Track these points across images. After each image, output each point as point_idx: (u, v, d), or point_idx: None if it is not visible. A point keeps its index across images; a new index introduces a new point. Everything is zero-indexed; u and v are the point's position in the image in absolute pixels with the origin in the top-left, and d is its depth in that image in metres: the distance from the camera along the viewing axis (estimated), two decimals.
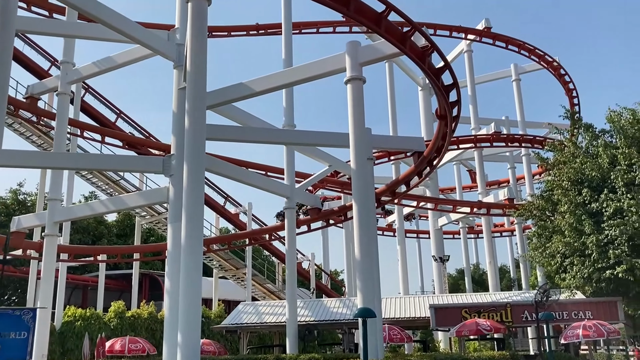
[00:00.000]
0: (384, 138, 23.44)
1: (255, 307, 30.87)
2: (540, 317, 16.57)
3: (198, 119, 15.47)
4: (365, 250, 17.22)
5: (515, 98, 42.93)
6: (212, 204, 43.70)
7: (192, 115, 15.39)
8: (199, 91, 15.43)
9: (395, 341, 23.86)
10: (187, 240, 14.47)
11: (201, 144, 15.42)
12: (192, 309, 13.79)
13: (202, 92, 15.52)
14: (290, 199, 26.46)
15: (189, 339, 13.22)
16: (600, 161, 23.95)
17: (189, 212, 14.61)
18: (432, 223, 42.20)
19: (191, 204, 14.70)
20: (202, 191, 16.59)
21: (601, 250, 22.24)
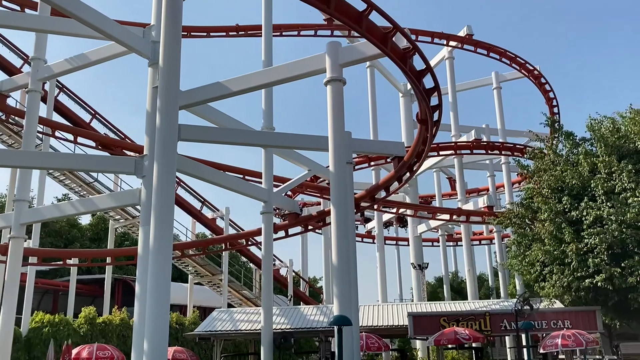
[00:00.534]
0: (364, 142, 22.99)
1: (230, 314, 30.14)
2: (520, 326, 16.24)
3: (169, 118, 14.91)
4: (342, 256, 16.72)
5: (495, 106, 42.96)
6: (189, 208, 42.81)
7: (163, 114, 14.82)
8: (171, 89, 14.87)
9: (372, 350, 23.38)
10: (155, 243, 13.87)
11: (172, 144, 14.85)
12: (160, 315, 13.17)
13: (175, 91, 14.96)
14: (268, 203, 25.87)
15: (156, 347, 12.58)
16: (581, 169, 23.83)
17: (158, 214, 14.03)
18: (411, 230, 41.95)
19: (160, 205, 14.12)
20: (172, 192, 16.10)
21: (581, 258, 22.06)
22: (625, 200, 21.67)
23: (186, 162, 21.31)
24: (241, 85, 18.98)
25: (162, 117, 14.51)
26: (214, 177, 23.19)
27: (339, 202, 17.76)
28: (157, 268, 13.75)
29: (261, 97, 26.57)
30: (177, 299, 47.10)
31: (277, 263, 53.10)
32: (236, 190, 24.47)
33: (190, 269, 42.57)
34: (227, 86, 19.09)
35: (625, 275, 20.97)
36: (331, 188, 18.20)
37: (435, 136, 20.81)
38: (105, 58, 22.99)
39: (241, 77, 19.07)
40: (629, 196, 21.66)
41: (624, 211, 21.38)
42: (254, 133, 22.06)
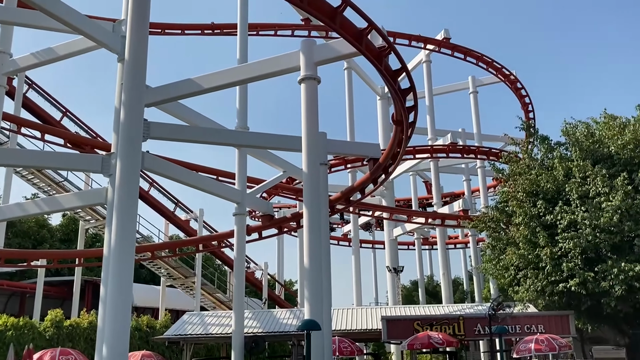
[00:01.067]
0: (339, 143, 22.63)
1: (201, 318, 29.51)
2: (493, 331, 16.03)
3: (134, 114, 14.36)
4: (315, 258, 16.30)
5: (472, 110, 43.03)
6: (162, 210, 42.11)
7: (128, 109, 14.24)
8: (136, 84, 14.32)
9: (345, 354, 23.01)
10: (117, 243, 13.32)
11: (137, 141, 14.28)
12: (121, 317, 12.59)
13: (140, 86, 14.42)
14: (241, 204, 25.36)
15: (116, 352, 11.99)
16: (556, 173, 23.80)
17: (121, 212, 13.46)
18: (387, 233, 41.74)
19: (123, 204, 13.57)
20: (136, 191, 15.66)
21: (555, 263, 21.99)
22: (599, 205, 21.67)
23: (156, 161, 20.70)
24: (213, 82, 18.47)
25: (126, 113, 13.97)
26: (185, 177, 22.61)
27: (312, 203, 17.35)
28: (119, 269, 13.21)
29: (236, 96, 26.13)
30: (149, 301, 46.28)
31: (252, 266, 52.51)
32: (208, 191, 23.91)
33: (163, 271, 41.79)
34: (198, 83, 18.56)
35: (598, 279, 20.94)
36: (304, 189, 17.79)
37: (410, 138, 20.55)
38: (73, 53, 22.27)
39: (213, 74, 18.56)
40: (602, 200, 21.65)
41: (597, 215, 21.37)
42: (227, 132, 21.54)
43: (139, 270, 58.36)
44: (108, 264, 16.71)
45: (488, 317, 16.18)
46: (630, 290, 20.57)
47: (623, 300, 21.02)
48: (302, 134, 17.91)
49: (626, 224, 20.98)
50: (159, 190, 43.37)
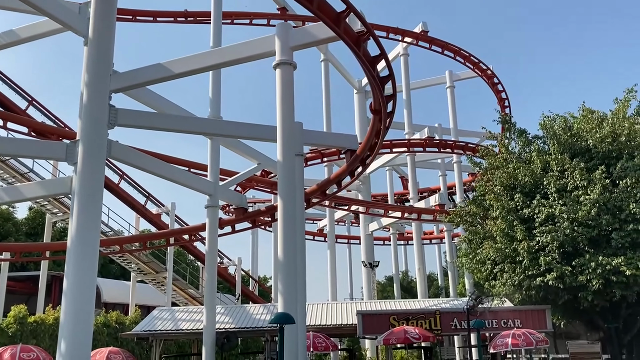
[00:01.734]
0: (316, 134, 21.99)
1: (171, 313, 28.66)
2: (471, 325, 15.64)
3: (99, 98, 13.57)
4: (289, 251, 15.68)
5: (449, 105, 42.82)
6: (132, 203, 40.89)
7: (92, 93, 13.42)
8: (101, 67, 13.54)
9: (319, 349, 22.47)
10: (80, 234, 12.51)
11: (102, 126, 13.47)
12: (82, 313, 11.81)
13: (105, 68, 13.65)
14: (213, 196, 24.59)
15: (76, 349, 11.22)
16: (533, 167, 23.57)
17: (84, 202, 12.65)
18: (362, 228, 41.34)
19: (86, 193, 12.74)
20: (100, 180, 14.98)
21: (532, 257, 21.74)
22: (577, 198, 21.49)
23: (124, 149, 19.79)
24: (183, 67, 17.63)
25: (90, 97, 13.15)
26: (155, 168, 21.74)
27: (287, 195, 16.71)
28: (81, 262, 12.43)
29: (209, 85, 25.34)
30: (119, 297, 45.14)
31: (225, 261, 51.58)
32: (180, 182, 23.08)
33: (133, 266, 40.71)
34: (168, 68, 17.70)
35: (575, 273, 20.75)
36: (279, 180, 17.14)
37: (388, 128, 20.03)
38: (37, 35, 21.20)
39: (183, 59, 17.73)
40: (580, 194, 21.48)
41: (575, 209, 21.18)
42: (198, 120, 20.70)
43: (109, 265, 57.11)
44: (71, 257, 15.92)
45: (466, 312, 15.78)
46: (607, 284, 20.43)
47: (599, 295, 20.87)
48: (277, 123, 17.26)
49: (604, 218, 20.82)
50: (129, 183, 42.15)
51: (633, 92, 24.28)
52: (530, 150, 25.08)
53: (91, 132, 13.14)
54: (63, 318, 15.39)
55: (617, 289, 20.33)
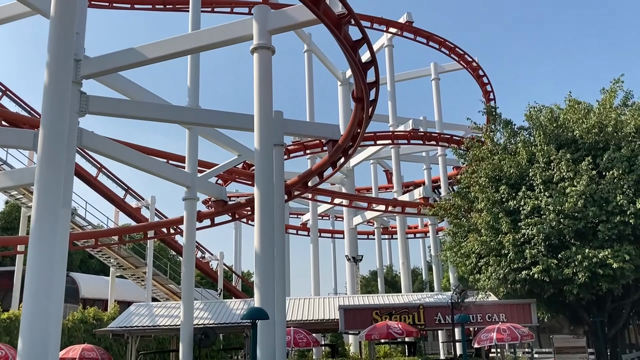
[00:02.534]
0: (296, 123, 21.33)
1: (149, 309, 27.86)
2: (456, 319, 15.10)
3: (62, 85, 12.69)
4: (266, 243, 15.01)
5: (433, 98, 42.30)
6: (111, 197, 39.91)
7: (55, 80, 12.54)
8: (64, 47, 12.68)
9: (300, 345, 21.83)
10: (41, 224, 11.70)
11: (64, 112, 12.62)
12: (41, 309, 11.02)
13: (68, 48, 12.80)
14: (192, 188, 23.86)
15: (32, 348, 10.45)
16: (519, 158, 23.10)
17: (45, 190, 11.78)
18: (346, 222, 40.73)
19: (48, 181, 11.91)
20: (70, 170, 14.34)
21: (517, 249, 21.27)
22: (563, 190, 21.05)
23: (95, 138, 19.00)
24: (158, 51, 16.87)
25: (53, 85, 12.28)
26: (129, 158, 20.96)
27: (264, 185, 16.01)
28: (43, 254, 11.63)
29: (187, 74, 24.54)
30: (97, 293, 44.13)
31: (207, 256, 50.78)
32: (155, 173, 22.32)
33: (112, 261, 39.78)
34: (142, 52, 16.94)
35: (561, 266, 20.32)
36: (256, 169, 16.44)
37: (371, 117, 19.44)
38: (2, 19, 20.37)
39: (158, 43, 16.97)
40: (567, 185, 21.04)
41: (561, 201, 20.74)
42: (174, 108, 19.91)
43: (89, 260, 55.94)
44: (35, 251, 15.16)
45: (450, 306, 15.24)
46: (593, 278, 20.01)
47: (585, 288, 20.46)
48: (254, 109, 16.54)
49: (590, 210, 20.39)
50: (108, 176, 41.18)
51: (620, 82, 23.91)
52: (515, 141, 24.62)
53: (54, 118, 12.28)
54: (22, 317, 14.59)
55: (603, 282, 19.94)
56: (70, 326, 32.11)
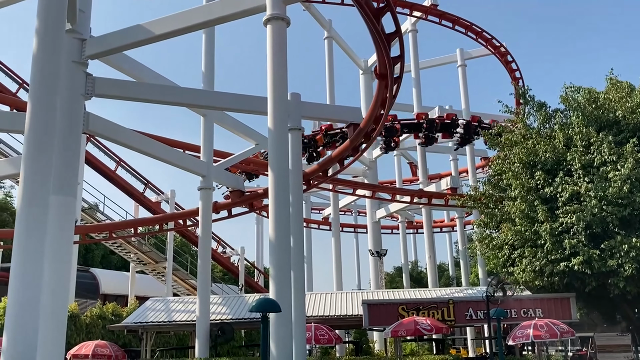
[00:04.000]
0: (314, 106, 20.01)
1: (165, 304, 26.86)
2: (492, 314, 13.68)
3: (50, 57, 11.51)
4: (281, 231, 13.78)
5: (460, 85, 40.56)
6: (130, 191, 39.25)
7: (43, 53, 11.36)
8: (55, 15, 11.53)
9: (322, 342, 20.52)
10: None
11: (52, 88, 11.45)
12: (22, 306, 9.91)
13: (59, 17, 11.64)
14: (207, 177, 22.77)
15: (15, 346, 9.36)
16: (555, 142, 21.45)
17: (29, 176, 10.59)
18: (369, 215, 39.31)
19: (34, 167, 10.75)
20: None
21: (555, 239, 19.65)
22: (606, 175, 19.37)
23: (102, 123, 17.94)
24: (166, 27, 15.71)
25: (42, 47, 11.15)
26: (140, 145, 19.89)
27: (278, 169, 14.79)
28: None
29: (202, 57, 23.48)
30: (118, 288, 43.57)
31: (228, 250, 49.90)
32: (170, 161, 21.25)
33: (132, 256, 39.20)
34: (149, 29, 15.79)
35: (605, 257, 18.66)
36: (269, 153, 15.22)
37: (395, 97, 18.06)
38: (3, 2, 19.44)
39: (165, 18, 15.83)
40: (609, 170, 19.36)
41: (604, 186, 19.06)
42: (183, 91, 18.69)
43: (110, 256, 55.63)
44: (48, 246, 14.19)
45: (486, 299, 13.82)
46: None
47: (633, 281, 18.77)
48: (267, 86, 15.32)
49: (637, 195, 18.67)
50: (127, 170, 40.53)
51: None
52: (550, 125, 22.95)
53: (41, 93, 11.12)
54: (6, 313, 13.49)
55: None
56: (88, 322, 31.44)
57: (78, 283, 37.18)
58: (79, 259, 50.72)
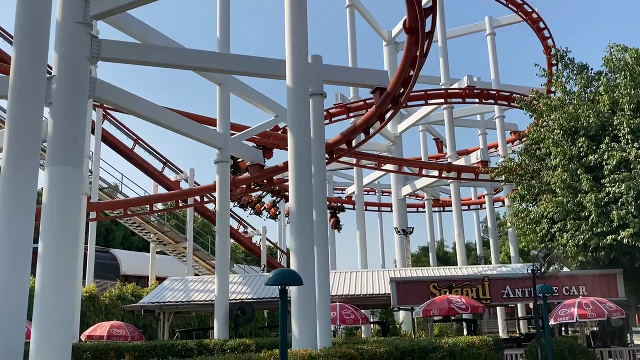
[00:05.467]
0: (337, 69, 18.50)
1: (184, 283, 25.90)
2: (538, 291, 12.30)
3: None
4: (302, 203, 12.47)
5: (489, 55, 38.59)
6: (149, 170, 38.37)
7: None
8: None
9: (348, 323, 19.32)
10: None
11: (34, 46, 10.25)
12: None
13: None
14: (224, 150, 21.48)
15: None
16: (600, 106, 19.69)
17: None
18: (394, 192, 37.88)
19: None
20: (81, 125, 12.38)
21: (601, 211, 18.03)
22: None
23: (110, 89, 16.74)
24: None
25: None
26: (152, 114, 18.62)
27: (299, 134, 13.46)
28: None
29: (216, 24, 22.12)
30: (138, 269, 43.02)
31: (250, 230, 48.94)
32: (184, 132, 19.98)
33: (152, 236, 38.49)
34: None
35: None
36: (289, 120, 13.90)
37: (426, 56, 16.50)
38: None
39: None
40: None
41: None
42: (196, 53, 17.34)
43: (131, 237, 55.16)
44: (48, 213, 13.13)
45: (532, 274, 12.41)
46: None
47: None
48: (285, 48, 13.96)
49: None
50: (145, 149, 39.60)
51: None
52: (594, 88, 21.13)
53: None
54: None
55: None
56: (107, 303, 30.80)
57: (98, 264, 36.57)
58: (100, 239, 50.39)
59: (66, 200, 12.41)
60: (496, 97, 31.73)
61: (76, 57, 13.72)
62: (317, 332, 11.80)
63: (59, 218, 12.17)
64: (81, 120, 13.80)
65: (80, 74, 13.82)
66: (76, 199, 13.00)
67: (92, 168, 33.12)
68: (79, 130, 13.50)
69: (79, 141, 13.52)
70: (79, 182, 13.49)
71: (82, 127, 13.83)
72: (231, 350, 16.42)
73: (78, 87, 13.63)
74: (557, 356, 13.39)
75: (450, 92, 31.09)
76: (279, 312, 7.68)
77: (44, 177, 14.30)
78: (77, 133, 13.35)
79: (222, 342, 17.35)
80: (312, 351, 10.07)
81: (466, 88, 31.15)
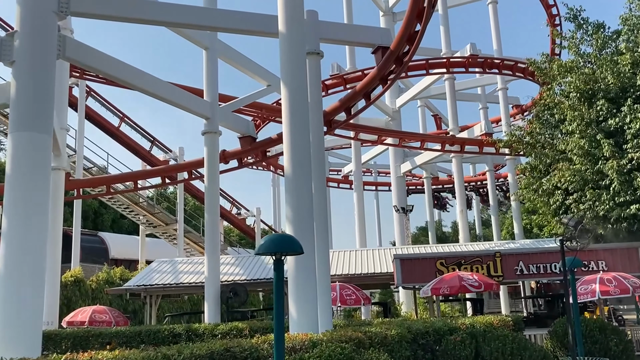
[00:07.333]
0: (336, 26, 16.78)
1: (173, 265, 24.39)
2: (568, 265, 10.86)
3: None
4: (297, 166, 10.89)
5: (491, 24, 36.82)
6: (136, 149, 36.66)
7: None
8: None
9: (349, 303, 17.85)
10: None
11: None
12: None
13: None
14: (212, 120, 19.82)
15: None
16: (619, 66, 18.12)
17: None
18: (393, 169, 36.32)
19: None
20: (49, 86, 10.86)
21: (624, 179, 16.57)
22: None
23: (82, 48, 15.04)
24: None
25: None
26: (135, 80, 16.96)
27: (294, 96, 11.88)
28: None
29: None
30: (128, 253, 41.54)
31: (243, 212, 47.38)
32: (168, 100, 18.32)
33: (141, 218, 36.89)
34: None
35: None
36: (282, 80, 12.28)
37: (434, 7, 14.82)
38: None
39: None
40: None
41: None
42: (177, 8, 15.49)
43: (120, 220, 53.49)
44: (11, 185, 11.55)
45: (560, 245, 10.96)
46: None
47: None
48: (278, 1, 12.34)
49: None
50: (132, 127, 37.84)
51: None
52: (612, 49, 19.54)
53: None
54: None
55: None
56: (94, 287, 29.29)
57: (85, 247, 34.99)
58: (88, 223, 48.79)
59: (33, 170, 11.08)
60: (500, 66, 30.11)
61: (42, 10, 12.21)
62: (317, 313, 10.29)
63: (24, 189, 10.87)
64: (49, 82, 12.22)
65: (46, 29, 12.29)
66: (44, 169, 11.52)
67: (77, 147, 31.47)
68: (46, 93, 11.95)
69: (47, 105, 12.00)
70: (47, 150, 11.92)
71: (49, 89, 12.23)
72: (222, 335, 14.96)
73: (44, 45, 12.12)
74: (587, 337, 11.95)
75: (453, 61, 29.44)
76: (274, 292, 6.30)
77: (7, 145, 12.72)
78: (43, 96, 11.84)
79: (212, 327, 15.87)
80: (314, 335, 8.57)
81: (469, 57, 29.49)
